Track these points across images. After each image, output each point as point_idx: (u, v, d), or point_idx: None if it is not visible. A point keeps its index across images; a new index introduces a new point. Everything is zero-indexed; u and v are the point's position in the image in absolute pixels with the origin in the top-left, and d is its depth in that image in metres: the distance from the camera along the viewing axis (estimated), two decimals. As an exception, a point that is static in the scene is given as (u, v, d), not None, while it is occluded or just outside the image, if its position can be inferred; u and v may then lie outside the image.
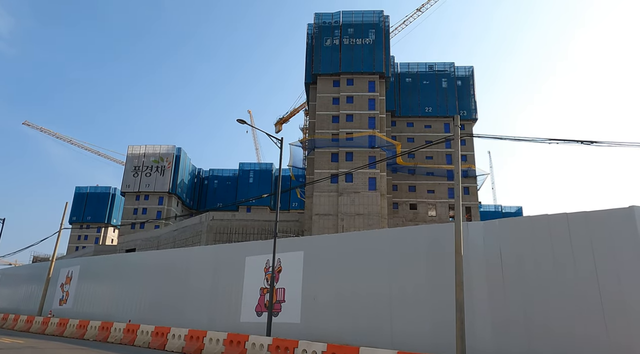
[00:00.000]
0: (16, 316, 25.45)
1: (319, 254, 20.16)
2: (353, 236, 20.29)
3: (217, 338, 14.36)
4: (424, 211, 59.04)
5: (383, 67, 52.46)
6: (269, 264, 21.92)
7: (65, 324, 20.94)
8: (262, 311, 21.38)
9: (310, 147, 52.52)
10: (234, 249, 24.70)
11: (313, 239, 21.36)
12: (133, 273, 29.18)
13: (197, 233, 59.06)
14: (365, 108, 51.67)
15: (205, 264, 25.02)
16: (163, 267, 27.46)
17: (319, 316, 19.11)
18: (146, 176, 79.03)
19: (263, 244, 23.42)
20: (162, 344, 15.70)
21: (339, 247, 19.63)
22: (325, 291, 19.33)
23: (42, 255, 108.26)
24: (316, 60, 54.09)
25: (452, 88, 63.30)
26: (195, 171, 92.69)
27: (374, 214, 48.17)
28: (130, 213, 78.23)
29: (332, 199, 49.08)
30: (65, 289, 34.36)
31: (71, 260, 36.22)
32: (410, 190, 59.85)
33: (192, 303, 24.73)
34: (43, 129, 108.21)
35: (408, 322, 16.29)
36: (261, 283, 21.90)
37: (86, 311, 30.52)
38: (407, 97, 63.38)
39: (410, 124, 62.77)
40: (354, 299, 18.12)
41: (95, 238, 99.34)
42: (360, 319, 17.65)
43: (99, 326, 19.25)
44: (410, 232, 17.87)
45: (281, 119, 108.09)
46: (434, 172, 59.67)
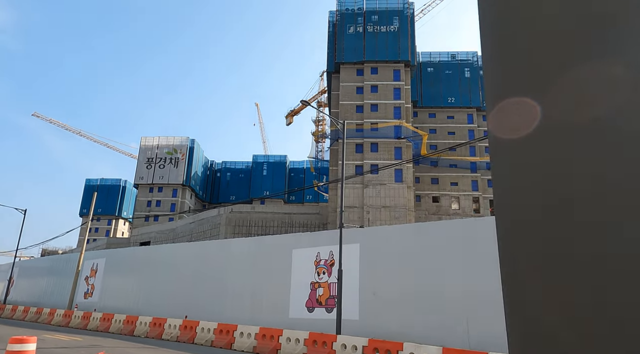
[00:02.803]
0: (52, 310, 24.31)
1: (378, 246, 18.90)
2: (417, 227, 18.99)
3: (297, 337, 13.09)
4: (447, 204, 57.66)
5: (408, 55, 50.88)
6: (320, 257, 20.68)
7: (110, 320, 19.80)
8: (313, 307, 20.17)
9: (333, 137, 51.13)
10: (278, 241, 23.46)
11: (370, 231, 20.09)
12: (164, 266, 28.03)
13: (215, 226, 57.96)
14: (390, 98, 50.16)
15: (245, 257, 23.81)
16: (197, 259, 26.28)
17: (380, 313, 17.88)
18: (160, 167, 77.85)
19: (312, 236, 22.20)
20: (228, 342, 14.51)
21: (400, 239, 18.36)
22: (386, 286, 18.09)
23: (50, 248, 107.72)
24: (339, 48, 52.53)
25: (476, 78, 61.60)
26: (208, 163, 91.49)
27: (401, 207, 46.85)
28: (144, 205, 77.13)
29: (357, 191, 47.75)
30: (90, 282, 33.28)
31: (96, 252, 35.11)
32: (433, 182, 58.43)
33: (231, 297, 23.56)
34: (52, 120, 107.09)
35: (488, 321, 15.03)
36: (312, 277, 20.66)
37: (114, 305, 29.44)
38: (429, 88, 61.78)
39: (433, 115, 61.22)
40: (421, 295, 16.86)
41: (106, 231, 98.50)
42: (429, 317, 16.41)
43: (150, 321, 18.10)
44: (485, 223, 16.56)
45: (292, 111, 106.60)
46: (457, 164, 58.18)
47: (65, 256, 42.96)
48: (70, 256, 42.10)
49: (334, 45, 53.79)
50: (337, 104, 52.60)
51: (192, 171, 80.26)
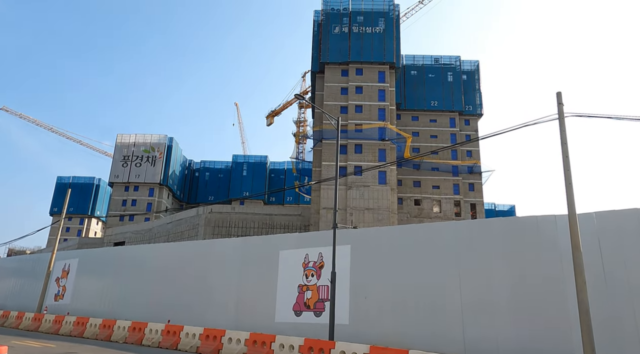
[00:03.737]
0: (19, 313, 22.76)
1: (370, 248, 18.31)
2: (411, 229, 18.50)
3: (291, 344, 12.22)
4: (428, 207, 57.78)
5: (394, 57, 50.77)
6: (308, 258, 19.96)
7: (85, 324, 18.53)
8: (301, 310, 19.42)
9: (317, 138, 50.52)
10: (264, 242, 22.62)
11: (362, 232, 19.51)
12: (142, 267, 26.76)
13: (193, 226, 56.49)
14: (375, 99, 49.93)
15: (229, 258, 22.86)
16: (178, 260, 25.15)
17: (371, 318, 17.29)
18: (136, 166, 75.59)
19: (300, 237, 21.42)
20: (215, 349, 13.59)
21: (394, 241, 17.82)
22: (378, 290, 17.51)
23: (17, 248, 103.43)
24: (324, 49, 52.03)
25: (458, 82, 62.11)
26: (187, 163, 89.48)
27: (384, 209, 46.57)
28: (119, 205, 74.72)
29: (341, 192, 47.21)
30: (62, 283, 31.60)
31: (68, 252, 33.43)
32: (415, 185, 58.49)
33: (214, 301, 22.57)
34: (22, 115, 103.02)
35: (484, 326, 14.62)
36: (299, 279, 19.91)
37: (87, 308, 27.93)
38: (413, 90, 61.92)
39: (415, 118, 61.35)
40: (415, 299, 16.34)
41: (77, 230, 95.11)
42: (423, 322, 15.90)
43: (129, 326, 16.97)
44: (479, 225, 16.21)
45: (273, 112, 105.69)
46: (439, 167, 58.40)
47: (34, 256, 40.87)
48: (39, 256, 40.06)
49: (319, 45, 53.27)
50: (322, 104, 52.01)
51: (169, 170, 78.29)
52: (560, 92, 12.55)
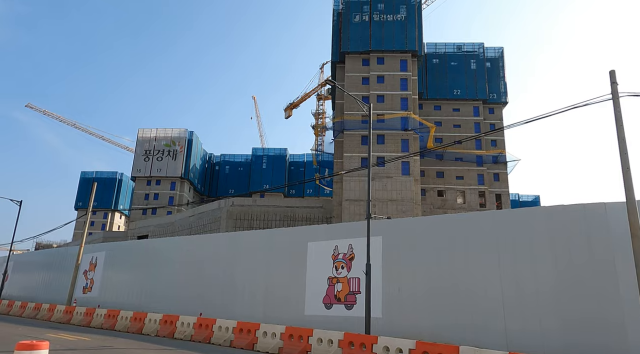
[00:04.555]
0: (51, 305, 22.97)
1: (403, 239, 17.73)
2: (447, 219, 17.84)
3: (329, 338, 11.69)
4: (452, 198, 56.66)
5: (416, 44, 49.60)
6: (338, 250, 19.50)
7: (116, 317, 18.49)
8: (331, 303, 19.01)
9: (338, 129, 49.84)
10: (292, 234, 22.24)
11: (394, 223, 18.91)
12: (168, 260, 26.72)
13: (215, 219, 56.64)
14: (397, 88, 48.93)
15: (256, 250, 22.57)
16: (205, 253, 25.01)
17: (406, 310, 16.76)
18: (157, 160, 76.20)
19: (329, 228, 21.01)
20: (250, 343, 13.28)
21: (428, 231, 17.19)
22: (412, 282, 16.95)
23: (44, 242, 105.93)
24: (344, 38, 51.15)
25: (482, 70, 60.47)
26: (207, 156, 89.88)
27: (408, 200, 45.78)
28: (142, 198, 75.54)
29: (363, 184, 46.57)
30: (89, 276, 31.94)
31: (95, 246, 33.73)
32: (438, 176, 57.38)
33: (241, 293, 22.35)
34: (46, 112, 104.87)
35: (528, 318, 13.94)
36: (329, 271, 19.49)
37: (115, 300, 28.14)
38: (435, 79, 60.56)
39: (438, 107, 60.05)
40: (451, 291, 15.73)
41: (102, 224, 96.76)
42: (461, 314, 15.29)
43: (160, 319, 16.82)
44: (521, 214, 15.44)
45: (291, 104, 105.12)
46: (462, 157, 57.13)
47: (62, 250, 41.49)
48: (67, 249, 40.65)
49: (339, 35, 52.41)
50: (342, 94, 51.27)
51: (190, 164, 78.71)
52: (614, 71, 11.70)
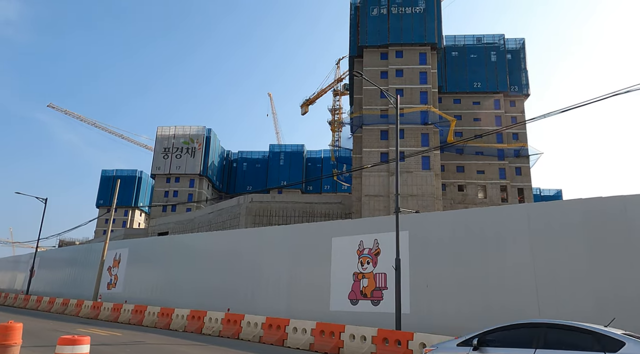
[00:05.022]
0: (79, 301, 23.28)
1: (430, 233, 17.36)
2: (476, 212, 17.42)
3: (363, 334, 11.42)
4: (473, 192, 55.78)
5: (435, 37, 48.80)
6: (363, 245, 19.23)
7: (143, 312, 18.60)
8: (357, 299, 18.77)
9: (357, 124, 49.44)
10: (316, 229, 22.07)
11: (420, 217, 18.55)
12: (191, 255, 26.83)
13: (235, 216, 56.90)
14: (416, 82, 48.25)
15: (280, 245, 22.45)
16: (227, 249, 25.01)
17: (434, 306, 16.41)
18: (176, 157, 76.90)
19: (354, 223, 20.72)
20: (280, 338, 13.15)
21: (457, 225, 16.79)
22: (440, 277, 16.58)
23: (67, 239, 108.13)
24: (362, 32, 50.62)
25: (503, 62, 59.25)
26: (224, 153, 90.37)
27: (428, 195, 45.19)
28: (161, 196, 76.39)
29: (383, 179, 46.15)
30: (114, 272, 32.32)
31: (118, 242, 34.12)
32: (459, 170, 56.53)
33: (265, 289, 22.26)
34: (67, 111, 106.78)
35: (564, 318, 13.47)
36: (354, 267, 19.23)
37: (139, 296, 28.40)
38: (454, 72, 59.59)
39: (457, 101, 59.10)
40: (482, 287, 15.32)
41: (122, 222, 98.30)
42: (493, 309, 14.88)
43: (187, 315, 16.85)
44: (556, 207, 14.94)
45: (308, 101, 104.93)
46: (483, 151, 56.15)
47: (86, 246, 42.15)
48: (91, 246, 41.29)
49: (357, 29, 51.90)
50: (360, 89, 50.85)
51: (209, 161, 79.22)
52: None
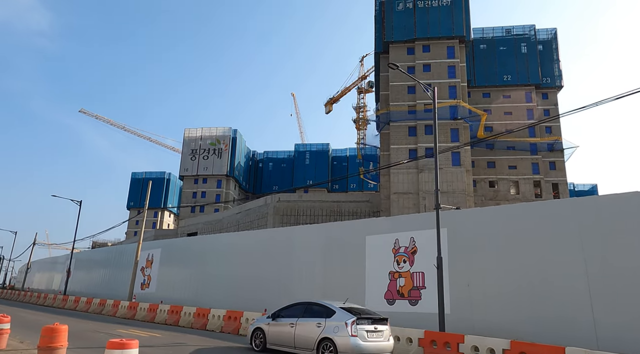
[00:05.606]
0: (115, 301, 23.59)
1: (470, 231, 16.71)
2: (519, 208, 16.64)
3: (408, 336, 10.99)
4: (504, 188, 54.19)
5: (463, 30, 47.62)
6: (399, 243, 18.71)
7: (179, 312, 18.62)
8: (394, 299, 18.28)
9: (384, 121, 48.74)
10: (349, 227, 21.65)
11: (458, 214, 17.91)
12: (223, 255, 26.87)
13: (262, 216, 57.06)
14: (444, 76, 47.19)
15: (312, 244, 22.15)
16: (259, 248, 24.90)
17: (476, 306, 15.76)
18: (204, 159, 77.81)
19: (388, 220, 20.24)
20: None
21: (499, 222, 16.10)
22: (482, 276, 15.92)
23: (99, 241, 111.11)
24: (387, 27, 49.87)
25: (534, 53, 57.34)
26: (250, 154, 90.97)
27: (459, 192, 44.11)
28: (190, 197, 77.45)
29: (412, 176, 45.31)
30: (147, 273, 32.74)
31: (151, 243, 34.57)
32: (489, 166, 55.03)
33: (298, 288, 21.98)
34: (98, 116, 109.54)
35: (621, 313, 12.65)
36: (390, 266, 18.74)
37: (172, 296, 28.64)
38: (483, 66, 58.03)
39: (487, 95, 57.53)
40: (527, 284, 14.59)
41: (152, 223, 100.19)
42: (539, 309, 14.13)
43: (224, 315, 16.75)
44: (610, 200, 14.05)
45: (332, 99, 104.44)
46: (515, 146, 54.49)
47: (119, 248, 42.98)
48: (124, 247, 42.05)
49: (382, 25, 51.17)
50: (387, 85, 50.11)
51: (235, 162, 79.85)
52: None
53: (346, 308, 10.63)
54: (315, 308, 11.12)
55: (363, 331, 9.88)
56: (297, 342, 10.80)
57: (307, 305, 11.42)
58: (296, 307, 11.72)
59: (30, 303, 33.75)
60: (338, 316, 10.29)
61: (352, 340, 9.65)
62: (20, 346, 9.29)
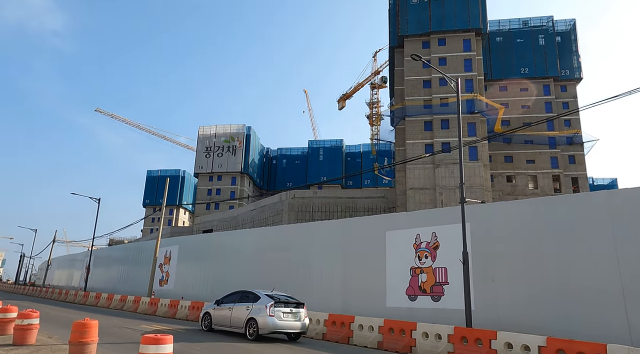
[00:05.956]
0: (136, 297, 23.79)
1: (494, 225, 16.38)
2: (545, 202, 16.21)
3: (437, 333, 10.75)
4: (522, 183, 53.33)
5: (480, 22, 46.83)
6: (420, 239, 18.45)
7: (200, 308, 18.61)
8: (416, 295, 18.03)
9: (399, 116, 48.27)
10: (368, 223, 21.44)
11: (483, 208, 17.55)
12: (241, 252, 26.88)
13: (277, 212, 57.07)
14: (460, 70, 46.50)
15: (330, 240, 22.01)
16: (277, 245, 24.85)
17: (502, 302, 15.44)
18: (218, 156, 78.14)
19: (408, 216, 19.94)
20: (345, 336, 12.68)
21: (524, 216, 15.71)
22: (508, 272, 15.58)
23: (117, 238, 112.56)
24: (402, 21, 49.29)
25: (552, 45, 56.19)
26: (264, 151, 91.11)
27: (477, 187, 43.50)
28: (205, 194, 77.89)
29: (428, 171, 44.83)
30: (165, 269, 32.97)
31: (168, 240, 34.77)
32: (507, 160, 54.20)
33: (317, 285, 21.91)
34: (113, 115, 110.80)
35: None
36: (412, 261, 18.49)
37: (189, 292, 28.79)
38: (499, 59, 57.08)
39: (504, 88, 56.59)
40: (556, 280, 14.22)
41: (168, 220, 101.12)
42: (571, 308, 13.75)
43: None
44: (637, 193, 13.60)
45: (345, 95, 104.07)
46: (533, 140, 53.56)
47: (136, 245, 43.38)
48: (142, 244, 42.42)
49: (396, 19, 50.61)
50: (402, 80, 49.61)
51: (249, 159, 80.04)
52: None
53: (270, 295, 13.04)
54: (247, 295, 13.52)
55: (280, 312, 12.33)
56: (232, 322, 13.26)
57: (242, 293, 13.84)
58: (234, 295, 14.15)
59: (52, 299, 34.25)
60: (262, 301, 12.74)
61: (269, 319, 12.09)
62: (49, 341, 9.31)
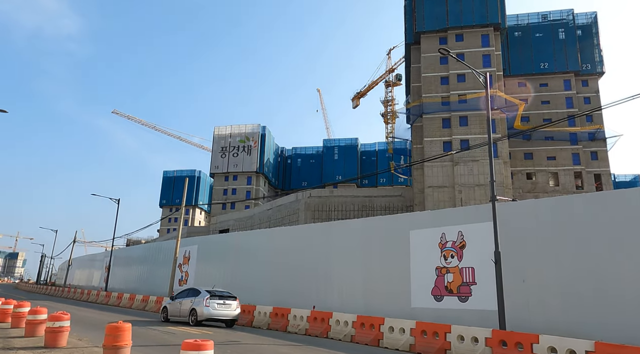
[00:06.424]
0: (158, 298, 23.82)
1: (523, 224, 15.91)
2: (577, 199, 15.70)
3: (473, 336, 10.49)
4: (543, 180, 52.30)
5: (498, 17, 46.00)
6: (446, 238, 18.06)
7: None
8: (442, 295, 17.65)
9: (416, 113, 47.70)
10: (390, 222, 21.11)
11: (511, 206, 17.08)
12: (260, 251, 26.76)
13: (294, 211, 56.96)
14: (478, 66, 45.69)
15: (352, 240, 21.72)
16: (296, 244, 24.66)
17: (532, 304, 15.00)
18: (233, 156, 78.39)
19: (433, 214, 19.55)
20: (374, 338, 12.42)
21: (554, 215, 15.22)
22: (539, 272, 15.12)
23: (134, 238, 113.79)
24: (418, 17, 48.68)
25: (572, 39, 54.93)
26: (279, 150, 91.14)
27: (497, 185, 42.66)
28: (220, 194, 78.22)
29: (447, 169, 44.22)
30: (184, 269, 33.08)
31: (187, 240, 34.89)
32: (526, 158, 53.20)
33: (338, 285, 21.64)
34: (130, 116, 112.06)
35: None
36: (437, 261, 18.12)
37: (210, 293, 28.80)
38: (517, 54, 56.03)
39: (522, 84, 55.53)
40: (591, 281, 13.73)
41: (184, 220, 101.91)
42: (605, 310, 13.26)
43: (270, 312, 16.60)
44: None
45: (359, 93, 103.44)
46: (554, 136, 52.44)
47: (155, 245, 43.68)
48: (160, 244, 42.70)
49: (412, 15, 49.99)
50: (418, 77, 49.03)
51: (264, 158, 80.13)
52: None
53: (209, 290, 16.62)
54: (192, 291, 17.23)
55: (215, 303, 15.93)
56: (181, 312, 16.81)
57: (189, 290, 17.59)
58: (185, 291, 17.84)
59: (74, 299, 34.64)
60: (201, 295, 16.34)
61: (205, 309, 15.69)
62: (80, 344, 9.23)
